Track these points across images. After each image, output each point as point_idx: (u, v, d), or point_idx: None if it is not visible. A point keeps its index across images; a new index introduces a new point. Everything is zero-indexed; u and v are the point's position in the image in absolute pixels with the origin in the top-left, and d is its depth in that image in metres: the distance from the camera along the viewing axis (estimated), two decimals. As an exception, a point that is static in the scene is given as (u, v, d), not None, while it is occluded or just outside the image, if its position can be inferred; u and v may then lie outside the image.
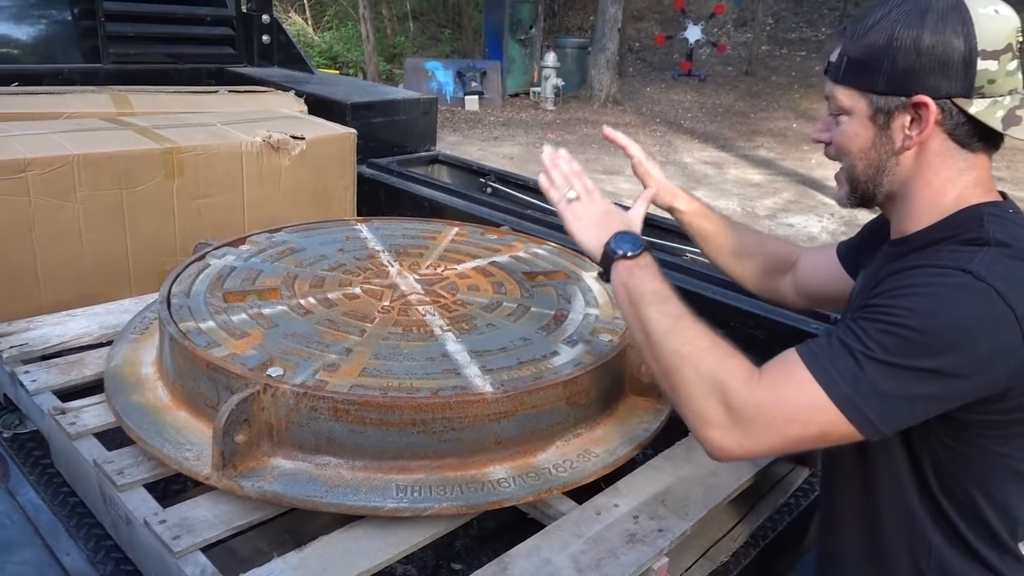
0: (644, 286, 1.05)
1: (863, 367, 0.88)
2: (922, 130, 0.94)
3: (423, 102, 2.88)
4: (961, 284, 0.86)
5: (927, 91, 0.92)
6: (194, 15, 3.14)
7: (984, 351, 0.86)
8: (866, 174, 1.01)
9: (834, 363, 0.90)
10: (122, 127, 2.06)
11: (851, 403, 0.88)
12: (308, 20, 14.75)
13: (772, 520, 1.37)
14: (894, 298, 0.90)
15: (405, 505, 1.07)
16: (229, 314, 1.34)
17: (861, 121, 0.99)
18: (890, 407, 0.88)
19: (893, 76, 0.94)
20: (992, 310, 0.85)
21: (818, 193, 7.63)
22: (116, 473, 1.14)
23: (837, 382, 0.89)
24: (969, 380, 0.87)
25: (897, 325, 0.87)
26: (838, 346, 0.91)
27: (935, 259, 0.91)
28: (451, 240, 1.81)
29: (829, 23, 14.00)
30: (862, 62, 0.96)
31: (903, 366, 0.86)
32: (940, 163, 0.97)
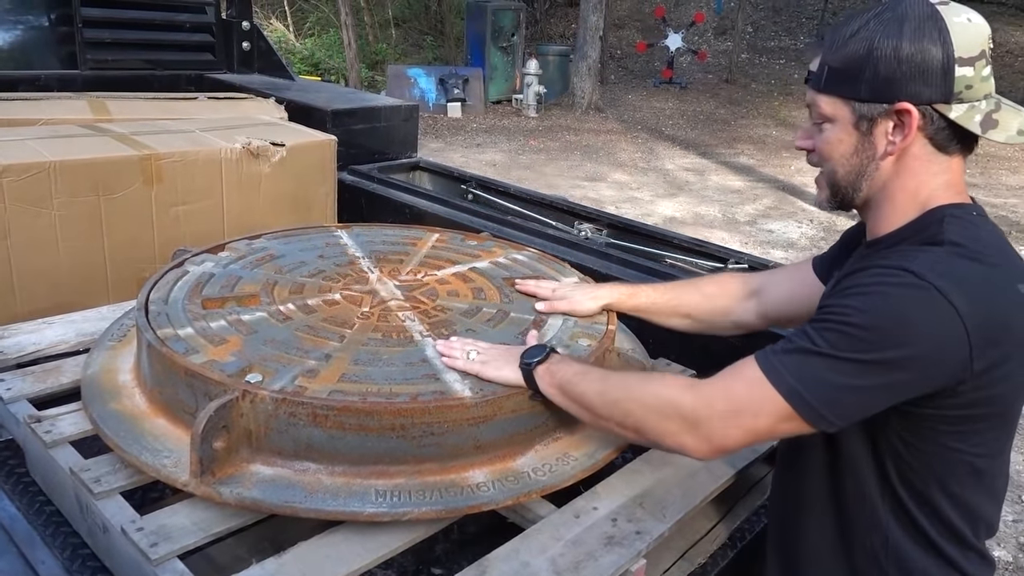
0: (565, 375, 1.15)
1: (809, 361, 0.93)
2: (905, 136, 0.98)
3: (404, 109, 2.89)
4: (902, 283, 0.91)
5: (909, 98, 0.96)
6: (173, 21, 3.13)
7: (926, 346, 0.90)
8: (847, 179, 1.04)
9: (782, 359, 0.96)
10: (100, 133, 2.05)
11: (796, 394, 0.93)
12: (289, 27, 14.71)
13: (750, 522, 1.38)
14: (842, 297, 0.95)
15: (384, 510, 1.08)
16: (208, 320, 1.34)
17: (844, 128, 1.01)
18: (835, 398, 0.93)
19: (875, 84, 0.96)
20: (932, 307, 0.89)
21: (797, 199, 7.72)
22: (93, 481, 1.13)
23: (783, 375, 0.94)
24: (912, 373, 0.91)
25: (842, 323, 0.92)
26: (788, 345, 0.97)
27: (884, 260, 0.96)
28: (431, 246, 1.81)
29: (807, 31, 14.18)
30: (844, 71, 0.99)
31: (847, 359, 0.91)
32: (918, 167, 1.00)
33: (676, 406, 1.02)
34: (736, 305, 1.41)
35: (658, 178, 8.40)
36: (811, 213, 7.25)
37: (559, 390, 1.15)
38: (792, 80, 12.70)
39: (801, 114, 11.42)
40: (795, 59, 13.45)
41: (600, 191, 7.69)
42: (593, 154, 9.35)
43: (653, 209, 7.21)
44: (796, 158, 9.34)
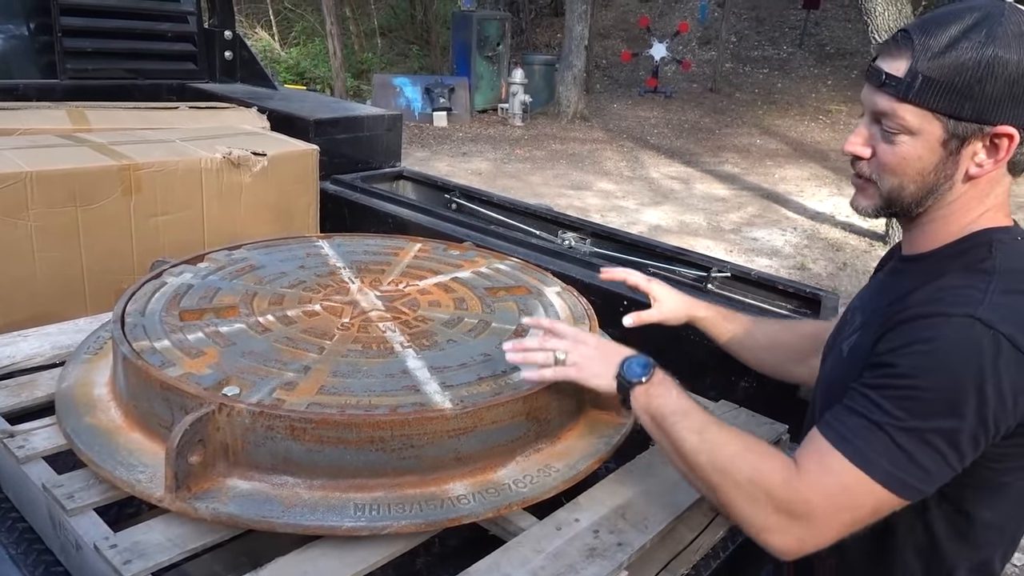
0: (665, 407, 1.05)
1: (894, 438, 0.88)
2: (998, 160, 0.91)
3: (387, 118, 2.88)
4: (972, 336, 0.85)
5: (1012, 121, 0.88)
6: (155, 31, 3.11)
7: (999, 397, 0.86)
8: (915, 196, 0.96)
9: (866, 442, 0.89)
10: (78, 143, 2.03)
11: (894, 479, 0.88)
12: (275, 36, 14.69)
13: (733, 532, 1.37)
14: (904, 356, 0.89)
15: (363, 524, 1.06)
16: (185, 333, 1.32)
17: (928, 144, 0.92)
18: (929, 469, 0.88)
19: (981, 102, 0.88)
20: (1002, 356, 0.85)
21: (781, 207, 7.77)
22: (66, 497, 1.11)
23: (875, 462, 0.89)
24: (989, 425, 0.87)
25: (913, 388, 0.87)
26: (863, 422, 0.90)
27: (939, 304, 0.89)
28: (413, 256, 1.80)
29: (790, 41, 14.31)
30: (945, 84, 0.89)
31: (929, 429, 0.86)
32: (988, 188, 0.95)
33: (774, 498, 0.93)
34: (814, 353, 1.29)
35: (643, 187, 8.44)
36: (795, 221, 7.30)
37: (652, 422, 1.07)
38: (776, 89, 12.81)
39: (785, 122, 11.54)
40: (778, 68, 13.57)
41: (586, 200, 7.71)
42: (579, 163, 9.38)
43: (638, 217, 7.24)
44: (780, 166, 9.42)
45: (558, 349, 1.11)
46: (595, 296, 1.84)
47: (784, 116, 11.80)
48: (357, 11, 15.23)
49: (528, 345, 1.12)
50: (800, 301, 1.98)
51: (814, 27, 14.27)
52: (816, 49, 13.94)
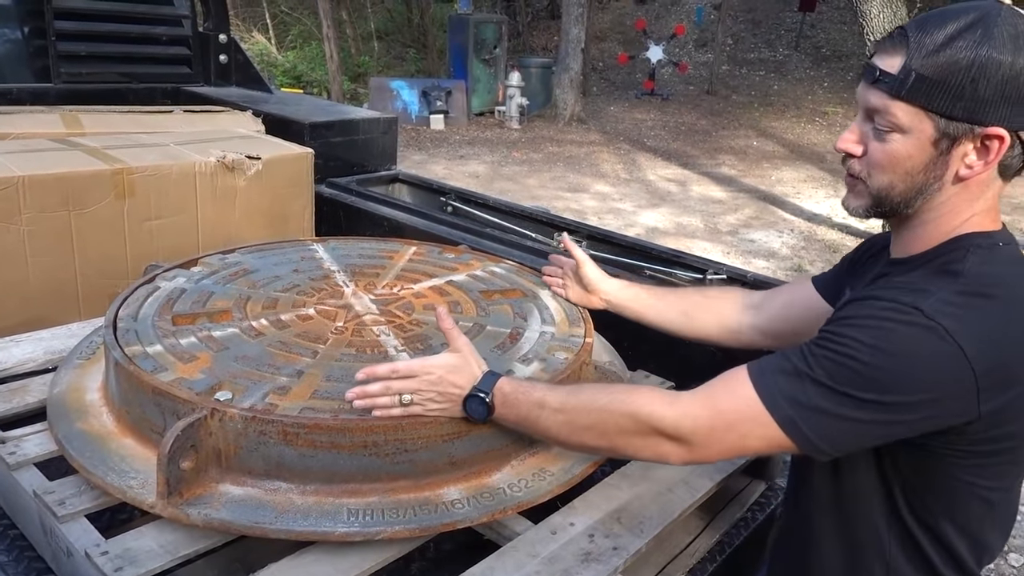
0: (520, 412, 1.09)
1: (806, 388, 0.90)
2: (988, 162, 0.90)
3: (383, 121, 2.87)
4: (911, 322, 0.86)
5: (1002, 122, 0.87)
6: (149, 34, 3.10)
7: (928, 390, 0.86)
8: (904, 195, 0.96)
9: (778, 381, 0.92)
10: (71, 148, 2.02)
11: (791, 421, 0.90)
12: (271, 39, 14.68)
13: (729, 535, 1.37)
14: (846, 327, 0.91)
15: (356, 529, 1.06)
16: (178, 337, 1.32)
17: (919, 143, 0.92)
18: (830, 429, 0.90)
19: (972, 102, 0.87)
20: (939, 349, 0.85)
21: (778, 209, 7.77)
22: (57, 504, 1.11)
23: (778, 400, 0.91)
24: (913, 415, 0.88)
25: (845, 356, 0.88)
26: (787, 365, 0.93)
27: (892, 292, 0.91)
28: (408, 259, 1.80)
29: (786, 44, 14.34)
30: (937, 82, 0.88)
31: (845, 393, 0.88)
32: (978, 191, 0.94)
33: (657, 421, 0.98)
34: (735, 313, 1.37)
35: (640, 189, 8.44)
36: (792, 223, 7.31)
37: (519, 424, 1.11)
38: (772, 91, 12.83)
39: (781, 124, 11.55)
40: (774, 71, 13.59)
41: (583, 202, 7.71)
42: (576, 165, 9.38)
43: (635, 220, 7.24)
44: (777, 168, 9.43)
45: (404, 391, 1.09)
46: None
47: (780, 118, 11.82)
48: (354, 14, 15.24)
49: (370, 391, 1.09)
50: (796, 303, 1.97)
51: (810, 29, 14.29)
52: (812, 51, 13.96)
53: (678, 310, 1.43)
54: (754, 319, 1.35)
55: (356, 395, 1.09)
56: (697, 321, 1.42)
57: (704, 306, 1.42)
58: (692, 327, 1.42)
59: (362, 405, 1.09)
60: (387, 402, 1.09)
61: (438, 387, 1.10)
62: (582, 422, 1.05)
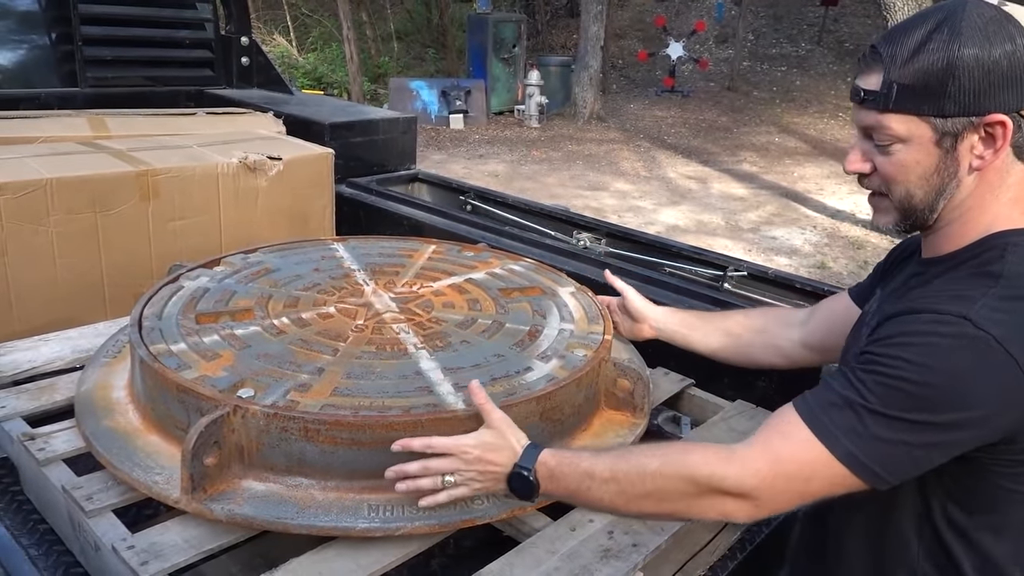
0: (569, 484, 1.02)
1: (862, 419, 0.87)
2: (997, 149, 0.90)
3: (402, 121, 2.89)
4: (959, 333, 0.85)
5: (999, 108, 0.88)
6: (173, 38, 3.15)
7: (983, 403, 0.84)
8: (924, 201, 0.96)
9: (832, 418, 0.89)
10: (97, 150, 2.05)
11: (853, 458, 0.88)
12: (292, 41, 14.80)
13: (750, 532, 1.37)
14: (891, 347, 0.88)
15: (377, 525, 1.07)
16: (201, 336, 1.34)
17: (923, 147, 0.93)
18: (893, 458, 0.88)
19: (961, 97, 0.88)
20: (991, 360, 0.83)
21: (800, 206, 7.70)
22: (85, 499, 1.13)
23: (836, 436, 0.88)
24: (969, 431, 0.86)
25: (894, 377, 0.86)
26: (835, 398, 0.90)
27: (934, 301, 0.89)
28: (427, 258, 1.81)
29: (808, 39, 14.19)
30: (920, 87, 0.90)
31: (901, 418, 0.86)
32: (997, 179, 0.94)
33: (718, 483, 0.92)
34: (780, 331, 1.36)
35: (660, 186, 8.40)
36: (814, 220, 7.23)
37: (570, 498, 1.05)
38: (794, 87, 12.70)
39: (804, 120, 11.43)
40: (796, 66, 13.45)
41: (602, 200, 7.69)
42: (595, 163, 9.35)
43: (656, 218, 7.21)
44: (799, 165, 9.34)
45: (443, 471, 1.06)
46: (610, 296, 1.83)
47: (803, 114, 11.69)
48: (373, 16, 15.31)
49: (410, 471, 1.06)
50: (818, 300, 1.96)
51: (832, 23, 14.12)
52: (835, 46, 13.80)
53: (723, 331, 1.42)
54: (801, 336, 1.34)
55: (396, 474, 1.07)
56: (745, 343, 1.40)
57: (750, 327, 1.40)
58: (740, 350, 1.41)
59: (404, 489, 1.06)
60: (430, 484, 1.06)
61: (477, 466, 1.05)
62: (637, 491, 0.98)
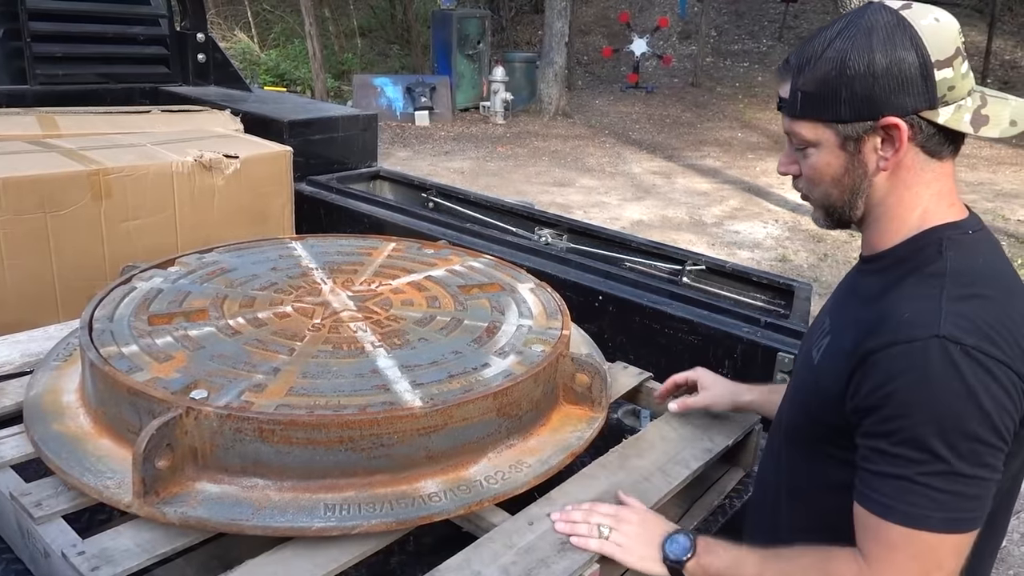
0: (720, 566, 1.04)
1: (931, 485, 0.87)
2: (896, 150, 0.94)
3: (362, 118, 2.87)
4: (940, 355, 0.86)
5: (893, 111, 0.92)
6: (126, 34, 3.09)
7: (996, 404, 0.86)
8: (841, 199, 1.01)
9: (909, 502, 0.89)
10: (47, 149, 2.01)
11: (952, 521, 0.88)
12: (254, 38, 14.59)
13: (707, 522, 1.39)
14: (892, 396, 0.89)
15: (333, 524, 1.06)
16: (154, 337, 1.32)
17: (830, 151, 0.98)
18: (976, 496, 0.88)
19: (854, 103, 0.93)
20: (980, 367, 0.86)
21: (763, 200, 7.81)
22: (33, 505, 1.11)
23: (929, 517, 0.88)
24: (1002, 431, 0.87)
25: (917, 426, 0.87)
26: (896, 483, 0.90)
27: (904, 327, 0.90)
28: (387, 256, 1.80)
29: (769, 35, 14.39)
30: (819, 95, 0.95)
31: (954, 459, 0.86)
32: (912, 177, 0.97)
33: None
34: None
35: (626, 182, 8.46)
36: (776, 213, 7.35)
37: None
38: (756, 83, 12.87)
39: (766, 115, 11.59)
40: (758, 62, 13.64)
41: (568, 196, 7.72)
42: (561, 159, 9.38)
43: (621, 213, 7.26)
44: (761, 159, 9.47)
45: (603, 524, 1.11)
46: (571, 292, 1.85)
47: (765, 109, 11.86)
48: (336, 11, 15.17)
49: (574, 518, 1.13)
50: (774, 292, 2.00)
51: (793, 20, 14.35)
52: (796, 42, 14.01)
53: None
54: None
55: (562, 519, 1.13)
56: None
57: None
58: None
59: (563, 530, 1.12)
60: (585, 531, 1.10)
61: (636, 527, 1.11)
62: None
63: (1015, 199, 7.92)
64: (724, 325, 1.70)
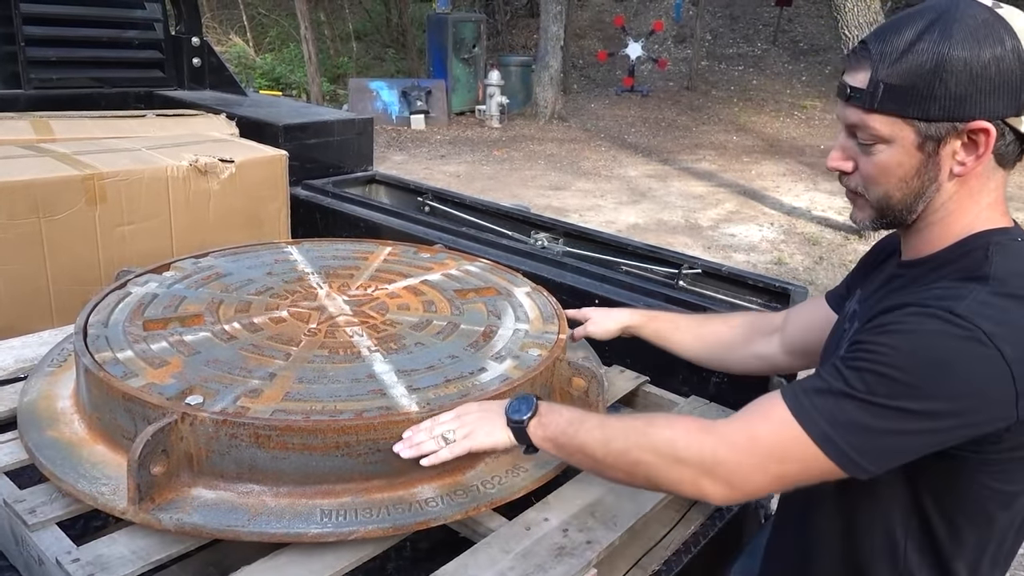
0: (559, 424, 1.05)
1: (843, 404, 0.86)
2: (980, 156, 0.89)
3: (358, 122, 2.87)
4: (946, 324, 0.84)
5: (983, 114, 0.87)
6: (121, 39, 3.07)
7: (970, 395, 0.84)
8: (903, 202, 0.95)
9: (814, 401, 0.89)
10: (41, 154, 2.00)
11: (830, 440, 0.87)
12: (249, 42, 14.58)
13: (704, 527, 1.38)
14: (878, 335, 0.88)
15: (329, 530, 1.06)
16: (149, 343, 1.31)
17: (905, 150, 0.92)
18: (872, 445, 0.87)
19: (946, 102, 0.87)
20: (977, 352, 0.83)
21: (759, 203, 7.82)
22: (27, 512, 1.10)
23: (815, 419, 0.87)
24: (954, 421, 0.85)
25: (879, 363, 0.85)
26: (821, 384, 0.89)
27: (925, 297, 0.88)
28: (383, 260, 1.80)
29: (764, 38, 14.42)
30: (906, 88, 0.88)
31: (884, 405, 0.85)
32: (979, 185, 0.93)
33: (693, 451, 0.93)
34: (759, 337, 1.36)
35: (621, 185, 8.46)
36: (772, 216, 7.36)
37: (554, 444, 1.06)
38: (751, 86, 12.90)
39: (760, 118, 11.62)
40: (753, 65, 13.67)
41: (564, 200, 7.72)
42: (557, 163, 9.39)
43: (616, 216, 7.26)
44: (757, 163, 9.49)
45: (445, 432, 1.10)
46: (566, 295, 1.84)
47: (759, 112, 11.88)
48: (332, 15, 15.16)
49: (416, 440, 1.10)
50: (770, 295, 1.99)
51: (787, 24, 14.38)
52: (790, 45, 14.06)
53: (700, 340, 1.41)
54: (781, 341, 1.33)
55: (405, 445, 1.10)
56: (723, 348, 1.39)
57: (726, 335, 1.39)
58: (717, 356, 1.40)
59: (411, 454, 1.09)
60: (432, 446, 1.09)
61: (476, 415, 1.11)
62: (619, 446, 0.99)
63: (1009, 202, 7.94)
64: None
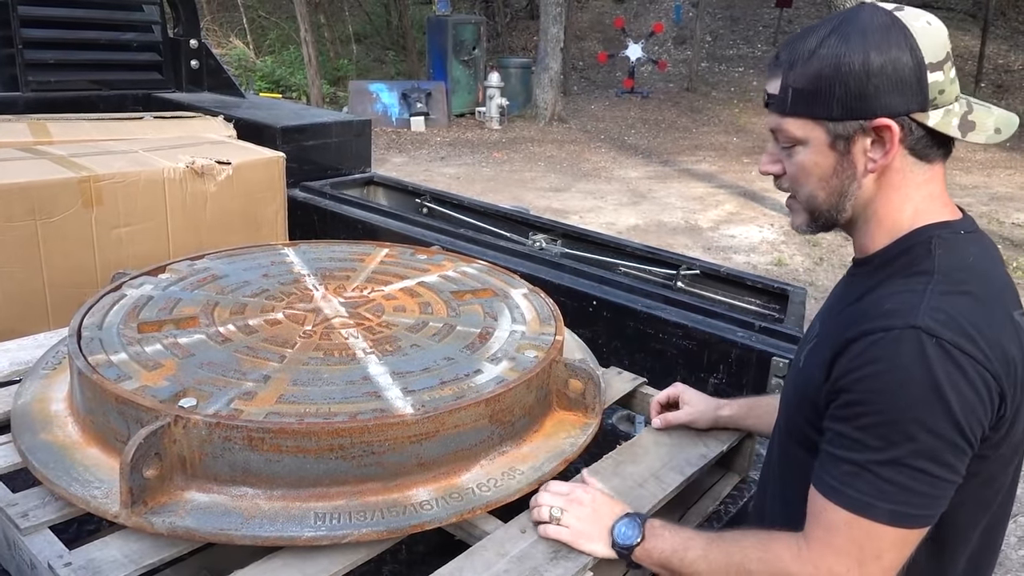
0: (666, 551, 1.06)
1: (881, 475, 0.87)
2: (887, 151, 0.93)
3: (356, 124, 2.87)
4: (919, 349, 0.85)
5: (885, 111, 0.91)
6: (119, 41, 3.08)
7: (963, 403, 0.85)
8: (828, 201, 0.99)
9: (856, 488, 0.89)
10: (38, 156, 2.00)
11: (898, 514, 0.88)
12: (249, 44, 14.59)
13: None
14: (859, 382, 0.89)
15: (323, 533, 1.05)
16: (143, 345, 1.30)
17: (819, 150, 0.96)
18: (931, 495, 0.88)
19: (848, 101, 0.92)
20: (958, 365, 0.85)
21: (758, 204, 7.82)
22: (20, 516, 1.09)
23: (873, 506, 0.88)
24: (967, 432, 0.86)
25: (878, 414, 0.87)
26: (848, 467, 0.90)
27: (882, 317, 0.89)
28: (379, 262, 1.79)
29: (764, 39, 14.44)
30: (811, 91, 0.94)
31: (910, 453, 0.86)
32: (901, 180, 0.96)
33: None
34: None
35: (621, 187, 8.46)
36: (772, 217, 7.35)
37: (662, 567, 1.07)
38: (751, 87, 12.91)
39: (760, 119, 11.62)
40: (753, 67, 13.68)
41: (564, 201, 7.72)
42: (557, 165, 9.39)
43: (616, 218, 7.26)
44: (757, 164, 9.49)
45: (553, 506, 1.12)
46: (564, 297, 1.84)
47: (760, 114, 11.89)
48: (332, 18, 15.18)
49: (540, 501, 1.14)
50: (769, 296, 1.99)
51: (787, 25, 14.40)
52: (790, 47, 14.07)
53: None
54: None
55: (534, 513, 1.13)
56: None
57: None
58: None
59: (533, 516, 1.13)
60: (546, 515, 1.11)
61: (588, 508, 1.12)
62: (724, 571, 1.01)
63: (1009, 202, 7.95)
64: (719, 330, 1.69)
